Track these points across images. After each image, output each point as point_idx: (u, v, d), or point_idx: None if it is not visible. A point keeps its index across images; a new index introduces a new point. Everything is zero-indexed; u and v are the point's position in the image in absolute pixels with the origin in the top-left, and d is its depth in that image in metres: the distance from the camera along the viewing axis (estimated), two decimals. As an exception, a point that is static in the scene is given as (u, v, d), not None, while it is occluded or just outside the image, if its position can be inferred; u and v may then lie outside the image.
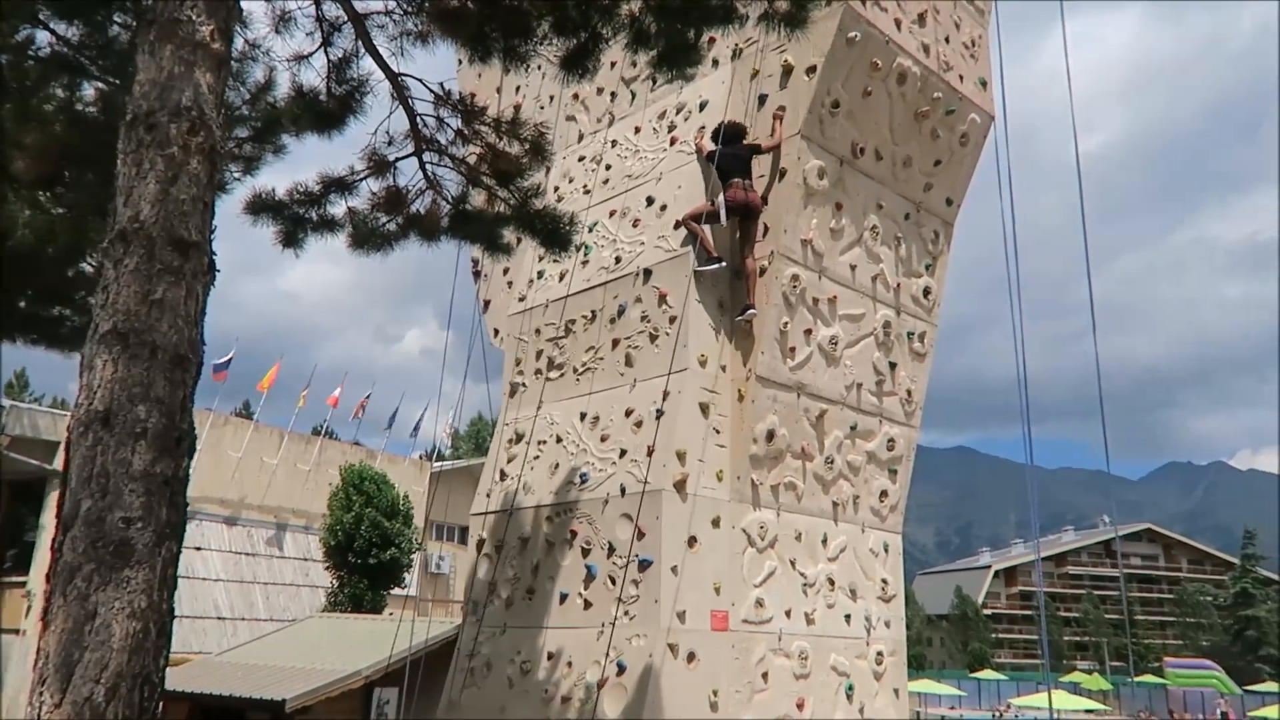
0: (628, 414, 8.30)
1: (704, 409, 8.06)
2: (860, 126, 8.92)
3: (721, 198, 8.25)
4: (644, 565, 7.49)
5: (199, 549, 21.65)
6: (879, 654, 8.94)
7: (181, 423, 3.91)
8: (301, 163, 8.51)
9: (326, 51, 5.94)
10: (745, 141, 8.57)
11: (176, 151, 4.09)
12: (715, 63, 9.23)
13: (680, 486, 7.67)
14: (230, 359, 24.48)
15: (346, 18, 5.66)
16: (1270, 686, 49.63)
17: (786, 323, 8.37)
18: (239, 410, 38.52)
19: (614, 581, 7.74)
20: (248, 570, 23.42)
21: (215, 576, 22.47)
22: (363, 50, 5.87)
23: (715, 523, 7.85)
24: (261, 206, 6.16)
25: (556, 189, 10.27)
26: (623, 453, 8.15)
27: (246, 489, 24.31)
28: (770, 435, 8.23)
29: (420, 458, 31.02)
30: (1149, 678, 50.10)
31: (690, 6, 5.42)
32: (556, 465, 8.78)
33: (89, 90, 7.78)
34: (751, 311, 8.23)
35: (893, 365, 9.39)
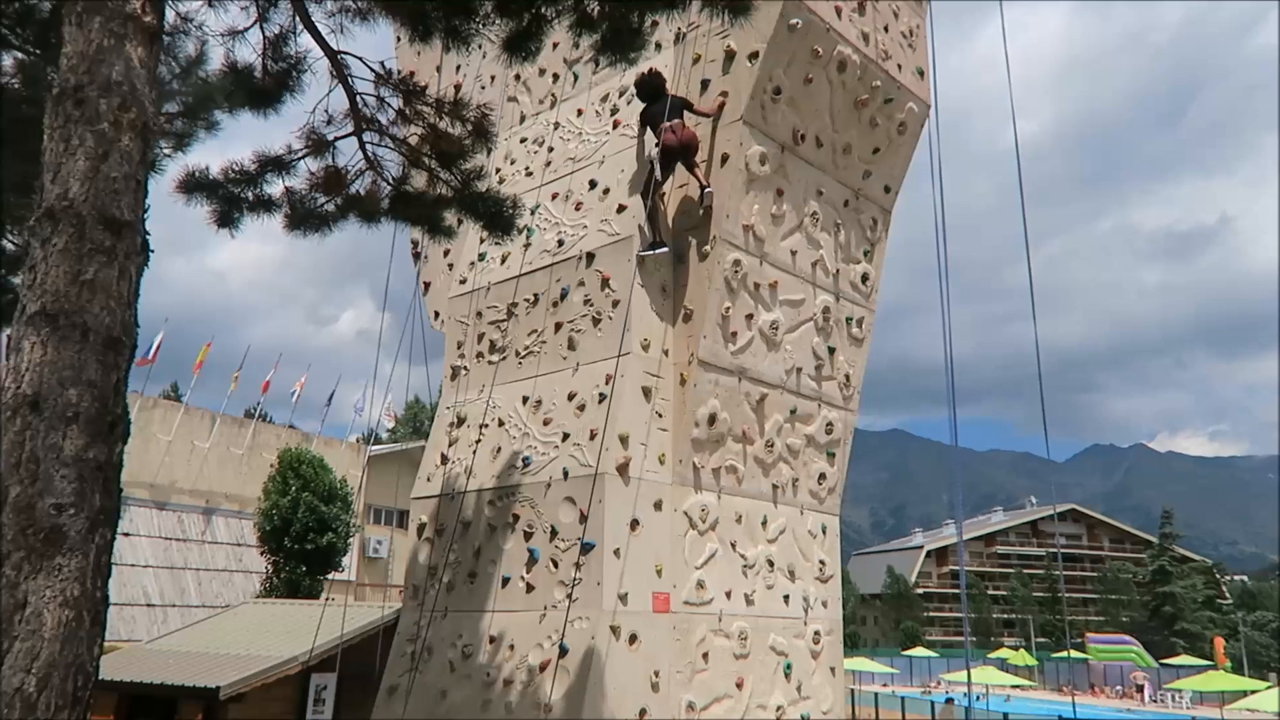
0: (570, 397, 8.31)
1: (646, 393, 8.10)
2: (801, 113, 9.01)
3: (657, 151, 8.26)
4: (586, 548, 7.52)
5: (127, 535, 21.10)
6: (816, 633, 9.12)
7: (115, 407, 3.82)
8: (236, 140, 8.31)
9: (262, 27, 5.79)
10: (672, 95, 8.55)
11: (107, 128, 3.97)
12: (658, 46, 9.22)
13: (623, 470, 7.71)
14: (157, 347, 23.81)
15: (284, -7, 5.52)
16: (1185, 659, 51.81)
17: (728, 307, 8.44)
18: (167, 393, 37.57)
19: (556, 565, 7.76)
20: (178, 556, 22.93)
21: (144, 563, 21.96)
22: (300, 26, 5.74)
23: (657, 506, 7.91)
24: (195, 186, 5.99)
25: (498, 170, 10.19)
26: (565, 436, 8.15)
27: (176, 473, 23.76)
28: (711, 419, 8.31)
29: (357, 441, 30.61)
30: (1071, 654, 51.86)
31: (635, -10, 5.40)
32: (499, 449, 8.75)
33: (8, 61, 7.48)
34: (709, 190, 8.33)
35: (831, 350, 9.54)
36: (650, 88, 8.51)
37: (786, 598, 8.91)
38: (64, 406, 3.63)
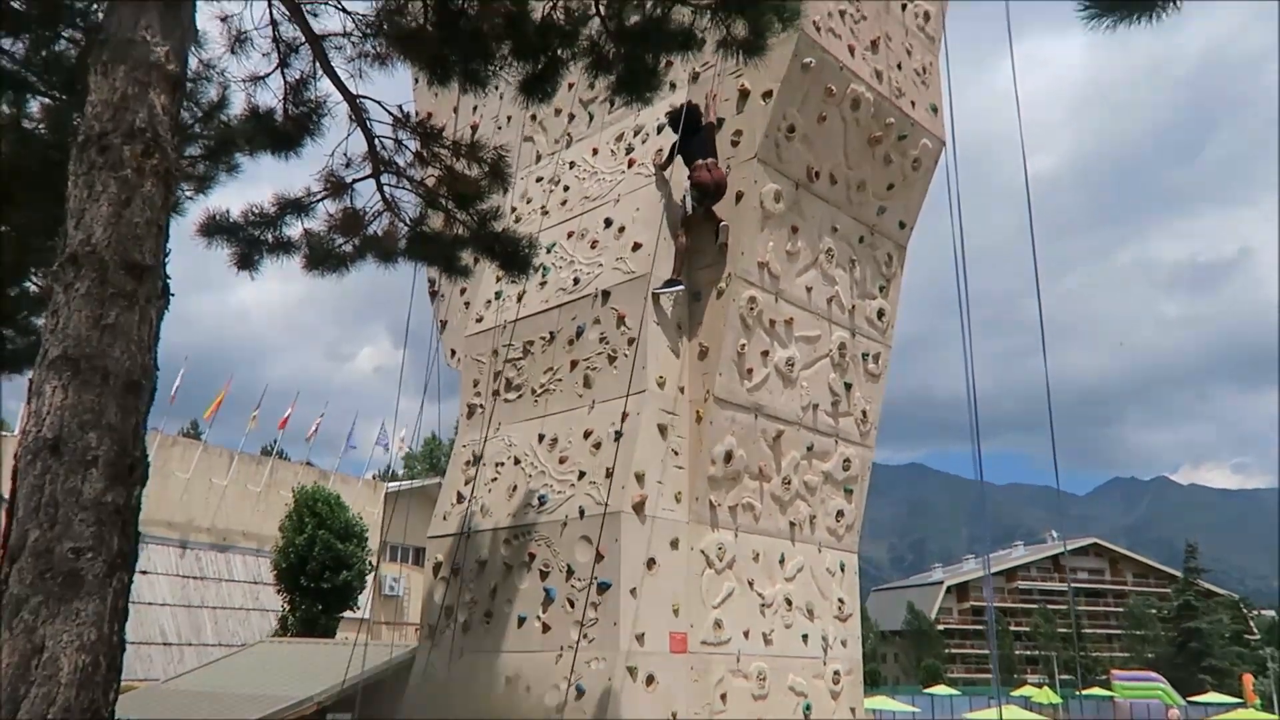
0: (586, 435, 8.29)
1: (662, 430, 8.08)
2: (815, 151, 9.05)
3: (689, 185, 8.35)
4: (603, 588, 7.47)
5: (145, 573, 21.12)
6: (836, 673, 8.99)
7: (134, 450, 3.84)
8: (255, 180, 8.42)
9: (283, 72, 5.89)
10: (704, 121, 8.62)
11: (130, 174, 4.03)
12: (673, 85, 9.30)
13: (639, 508, 7.67)
14: (177, 387, 24.04)
15: (304, 39, 5.62)
16: (1213, 697, 50.72)
17: (744, 344, 8.43)
18: (186, 430, 37.79)
19: (572, 604, 7.70)
20: (195, 595, 22.92)
21: (162, 601, 21.95)
22: (320, 72, 5.83)
23: (674, 544, 7.86)
24: (216, 228, 6.07)
25: (514, 210, 10.27)
26: (581, 474, 8.13)
27: (194, 511, 23.82)
28: (728, 456, 8.27)
29: (374, 478, 30.64)
30: (1097, 690, 50.91)
31: (650, 33, 5.47)
32: (514, 487, 8.73)
33: (34, 106, 7.63)
34: (725, 225, 8.42)
35: (848, 386, 9.50)
36: (686, 120, 8.48)
37: (805, 637, 8.80)
38: (83, 450, 3.65)
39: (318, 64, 5.72)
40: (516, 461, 8.85)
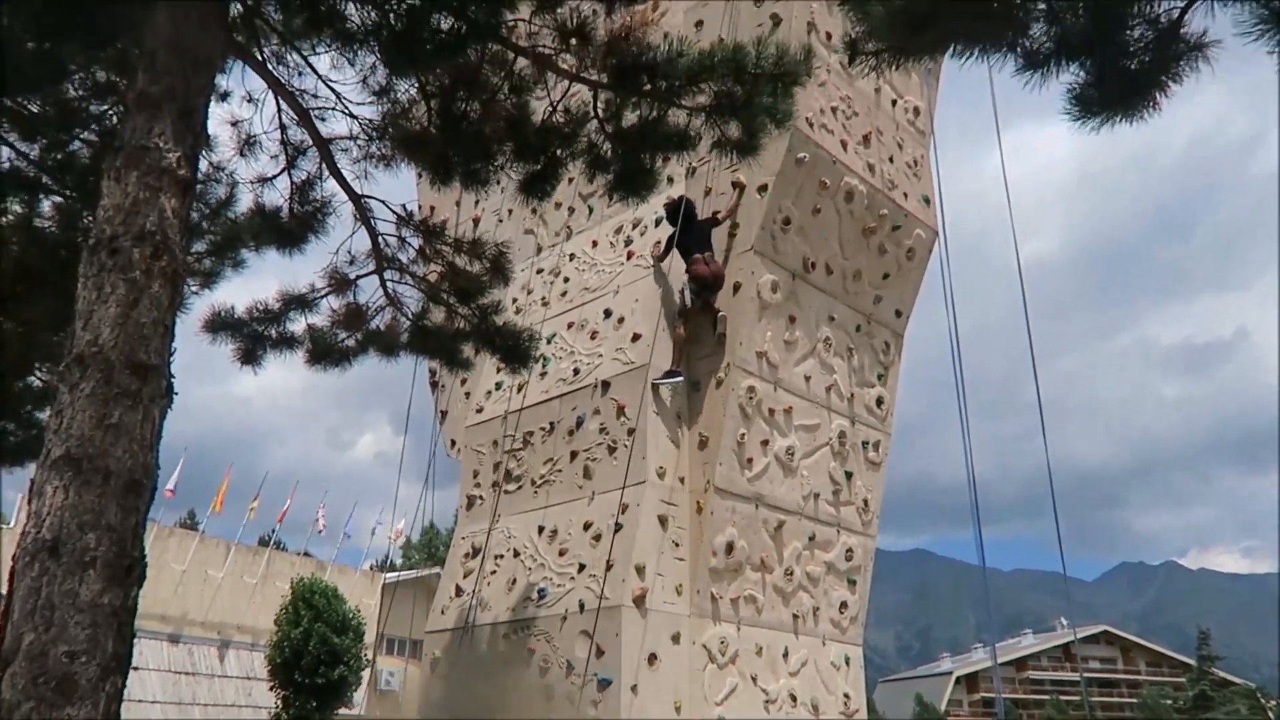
0: (586, 527, 8.24)
1: (663, 521, 8.03)
2: (811, 242, 9.22)
3: (687, 278, 8.48)
4: (603, 684, 7.32)
5: (136, 669, 20.67)
6: (844, 772, 8.74)
7: (132, 550, 3.83)
8: (259, 273, 8.55)
9: (290, 174, 6.05)
10: (700, 218, 8.80)
11: (139, 275, 4.12)
12: (670, 180, 9.51)
13: (639, 602, 7.57)
14: (175, 481, 23.97)
15: (311, 142, 5.80)
16: (1235, 792, 49.04)
17: (744, 434, 8.44)
18: (184, 520, 37.43)
19: (572, 702, 7.54)
20: (188, 691, 22.39)
21: (153, 698, 21.44)
22: (326, 173, 5.99)
23: (675, 638, 7.73)
24: (220, 325, 6.16)
25: (515, 301, 10.39)
26: (581, 567, 8.05)
27: (189, 604, 23.45)
28: (729, 547, 8.20)
29: (372, 568, 30.24)
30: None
31: (646, 134, 5.64)
32: (514, 580, 8.63)
33: (46, 205, 7.80)
34: (723, 315, 8.52)
35: (849, 474, 9.47)
36: (682, 214, 8.69)
37: (811, 734, 8.58)
38: (82, 551, 3.64)
39: (324, 166, 5.88)
40: (516, 554, 8.77)
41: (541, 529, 8.65)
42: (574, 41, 5.37)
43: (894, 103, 10.39)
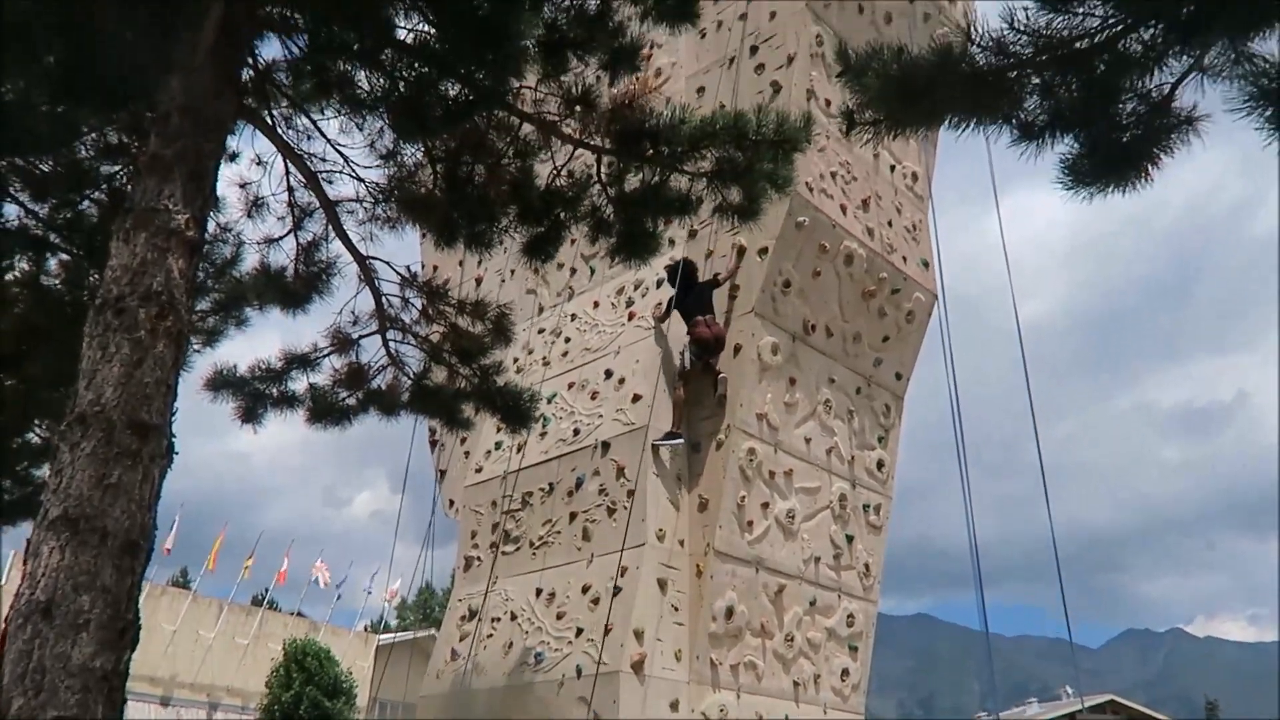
0: (584, 590, 8.15)
1: (662, 585, 7.94)
2: (811, 304, 9.28)
3: (688, 340, 8.52)
4: (601, 753, 7.17)
5: (123, 733, 20.23)
6: (846, 846, 8.52)
7: (126, 613, 3.78)
8: (261, 329, 8.60)
9: (297, 235, 6.13)
10: (701, 280, 8.86)
11: (144, 335, 4.13)
12: (671, 242, 9.60)
13: (638, 667, 7.46)
14: (170, 541, 23.80)
15: (318, 204, 5.88)
16: None
17: (744, 496, 8.40)
18: (177, 579, 37.01)
19: (569, 770, 7.39)
20: (174, 757, 21.91)
21: (138, 764, 20.95)
22: (332, 234, 6.06)
23: (674, 706, 7.60)
24: (222, 383, 6.18)
25: (516, 360, 10.42)
26: (579, 631, 7.94)
27: (179, 666, 23.06)
28: (729, 612, 8.10)
29: (366, 629, 29.81)
30: None
31: (649, 199, 5.72)
32: (510, 644, 8.51)
33: (53, 264, 7.87)
34: (724, 376, 8.54)
35: (850, 538, 9.40)
36: (682, 276, 8.77)
37: (813, 806, 8.38)
38: (76, 613, 3.60)
39: (330, 227, 5.95)
40: (513, 616, 8.66)
41: (539, 591, 8.55)
42: (578, 108, 5.48)
43: (892, 168, 10.54)
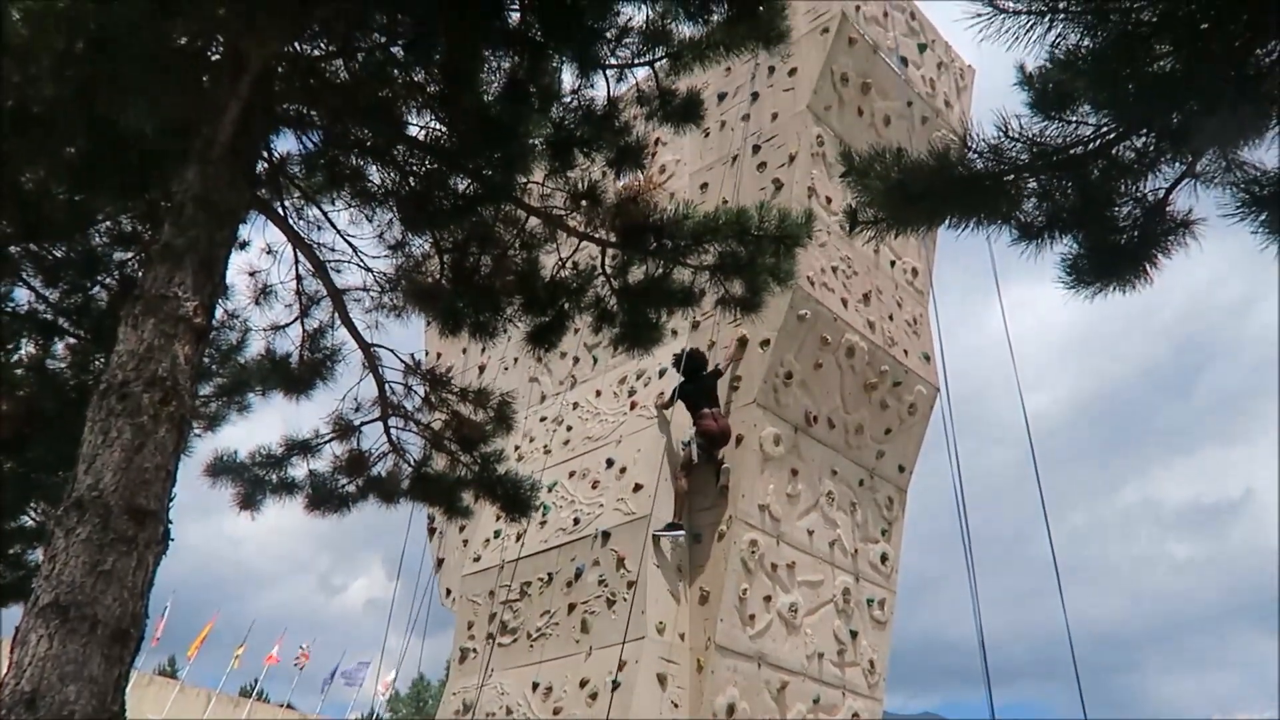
0: (582, 684, 7.96)
1: (662, 680, 7.76)
2: (813, 396, 9.29)
3: (694, 432, 8.51)
4: None
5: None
6: None
7: (112, 704, 3.69)
8: (260, 410, 8.59)
9: (303, 323, 6.18)
10: (706, 370, 8.87)
11: (146, 420, 4.13)
12: (674, 332, 9.64)
13: (636, 767, 7.23)
14: (159, 630, 23.46)
15: (325, 292, 5.95)
16: None
17: (746, 589, 8.27)
18: (163, 668, 36.17)
19: None
20: None
21: None
22: (338, 321, 6.12)
23: (673, 809, 7.34)
24: (222, 469, 6.15)
25: (518, 448, 10.39)
26: (576, 728, 7.73)
27: (163, 759, 22.38)
28: (731, 710, 7.89)
29: (356, 722, 29.00)
30: None
31: (653, 291, 5.78)
32: (505, 741, 8.28)
33: (59, 347, 7.92)
34: (726, 467, 8.44)
35: (854, 634, 9.21)
36: (690, 365, 8.81)
37: None
38: (60, 705, 3.52)
39: (337, 315, 6.01)
40: (509, 712, 8.44)
41: (536, 685, 8.36)
42: (584, 202, 5.60)
43: (893, 263, 10.69)
